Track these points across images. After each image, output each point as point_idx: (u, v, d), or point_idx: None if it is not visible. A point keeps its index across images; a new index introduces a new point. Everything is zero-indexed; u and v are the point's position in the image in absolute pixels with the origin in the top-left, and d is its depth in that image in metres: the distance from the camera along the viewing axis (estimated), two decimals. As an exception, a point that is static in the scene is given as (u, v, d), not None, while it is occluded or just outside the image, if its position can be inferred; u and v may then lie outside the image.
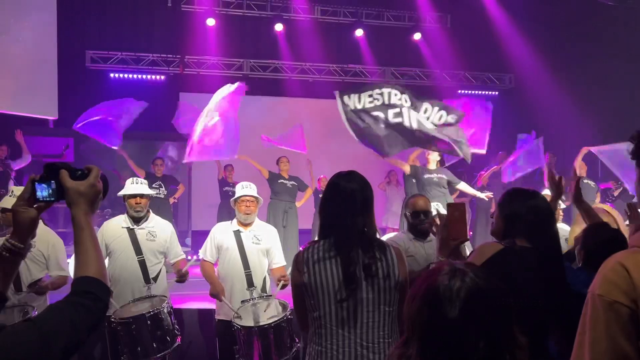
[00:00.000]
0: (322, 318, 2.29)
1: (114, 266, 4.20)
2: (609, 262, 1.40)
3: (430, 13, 12.34)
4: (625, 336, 1.30)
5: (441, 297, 1.16)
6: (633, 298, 1.31)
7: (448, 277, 1.18)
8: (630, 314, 1.30)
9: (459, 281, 1.17)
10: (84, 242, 1.39)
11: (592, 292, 1.37)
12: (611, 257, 1.42)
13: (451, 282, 1.17)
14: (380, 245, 2.38)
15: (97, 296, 1.32)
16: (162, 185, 8.85)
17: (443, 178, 6.81)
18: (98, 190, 1.45)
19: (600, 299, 1.34)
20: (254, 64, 11.75)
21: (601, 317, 1.33)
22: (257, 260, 4.26)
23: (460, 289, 1.16)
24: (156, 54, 11.21)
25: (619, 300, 1.32)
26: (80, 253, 1.39)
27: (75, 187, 1.42)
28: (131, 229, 4.22)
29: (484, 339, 1.13)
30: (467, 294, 1.15)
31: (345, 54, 12.19)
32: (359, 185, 2.38)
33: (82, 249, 1.39)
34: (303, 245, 2.53)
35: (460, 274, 1.18)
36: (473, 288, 1.16)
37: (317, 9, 11.93)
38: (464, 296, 1.15)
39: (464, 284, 1.16)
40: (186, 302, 6.07)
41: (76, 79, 10.65)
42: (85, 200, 1.42)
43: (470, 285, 1.16)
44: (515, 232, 2.30)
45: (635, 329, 1.30)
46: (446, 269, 1.21)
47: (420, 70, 12.53)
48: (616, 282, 1.34)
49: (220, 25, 11.45)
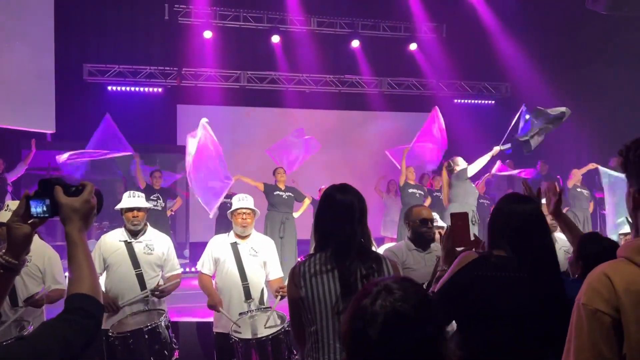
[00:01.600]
0: (319, 332, 2.28)
1: (112, 279, 4.19)
2: (594, 272, 1.43)
3: (426, 23, 12.42)
4: (607, 344, 1.33)
5: (364, 319, 1.18)
6: (615, 307, 1.33)
7: (372, 299, 1.19)
8: (612, 322, 1.33)
9: (380, 305, 1.17)
10: (77, 258, 1.39)
11: (578, 301, 1.40)
12: (597, 267, 1.44)
13: (373, 305, 1.18)
14: (376, 257, 2.39)
15: (91, 313, 1.32)
16: (160, 197, 8.85)
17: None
18: (92, 206, 1.45)
19: (584, 308, 1.37)
20: (251, 75, 11.80)
21: (585, 326, 1.36)
22: (255, 272, 4.26)
23: (379, 313, 1.17)
24: (154, 67, 11.26)
25: (600, 309, 1.34)
26: (73, 269, 1.38)
27: (70, 204, 1.42)
28: (129, 242, 4.21)
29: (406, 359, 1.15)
30: (385, 317, 1.16)
31: (341, 64, 12.25)
32: (355, 197, 2.41)
33: (76, 265, 1.38)
34: (301, 256, 2.52)
35: (384, 296, 1.19)
36: (391, 312, 1.16)
37: (314, 20, 12.00)
38: (382, 320, 1.16)
39: (383, 308, 1.17)
40: (184, 315, 6.06)
41: (74, 93, 10.68)
42: (79, 216, 1.42)
43: (389, 309, 1.17)
44: (500, 240, 2.27)
45: (617, 337, 1.33)
46: (374, 290, 1.21)
47: (416, 80, 12.59)
48: (599, 291, 1.36)
49: (217, 37, 11.51)
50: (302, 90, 12.12)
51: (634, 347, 1.32)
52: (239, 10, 11.62)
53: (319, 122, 12.25)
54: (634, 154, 1.44)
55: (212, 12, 11.45)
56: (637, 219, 1.48)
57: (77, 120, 10.69)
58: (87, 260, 1.40)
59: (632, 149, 1.44)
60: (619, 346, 1.33)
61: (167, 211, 9.09)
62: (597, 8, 8.19)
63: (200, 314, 5.95)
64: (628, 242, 1.46)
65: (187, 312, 6.26)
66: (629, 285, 1.34)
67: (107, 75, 11.11)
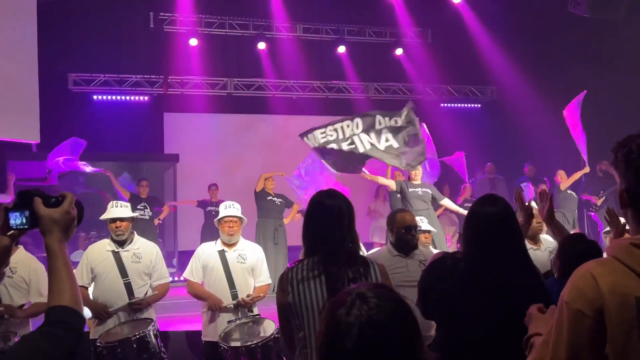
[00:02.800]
0: (307, 338, 2.28)
1: (100, 289, 4.16)
2: (580, 270, 1.43)
3: (411, 28, 12.49)
4: (585, 345, 1.34)
5: (337, 329, 1.16)
6: (598, 308, 1.33)
7: (346, 309, 1.17)
8: (592, 324, 1.33)
9: (354, 315, 1.16)
10: (58, 270, 1.37)
11: (562, 298, 1.41)
12: (584, 265, 1.44)
13: (348, 315, 1.16)
14: (364, 262, 2.40)
15: (71, 325, 1.30)
16: (147, 206, 8.81)
17: (427, 192, 6.89)
18: (72, 217, 1.43)
19: (566, 306, 1.38)
20: (238, 82, 11.79)
21: (565, 324, 1.37)
22: (243, 280, 4.24)
23: (353, 323, 1.15)
24: (139, 75, 11.21)
25: (582, 309, 1.35)
26: (54, 281, 1.36)
27: (49, 215, 1.40)
28: (116, 251, 4.19)
29: None
30: (360, 327, 1.14)
31: (328, 70, 12.27)
32: (343, 203, 2.42)
33: (56, 277, 1.37)
34: (290, 262, 2.53)
35: (357, 306, 1.17)
36: (366, 322, 1.15)
37: (299, 26, 12.02)
38: (357, 330, 1.14)
39: (358, 318, 1.15)
40: (173, 324, 6.01)
41: (59, 102, 10.59)
42: (59, 227, 1.40)
43: (364, 318, 1.15)
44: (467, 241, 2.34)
45: (597, 339, 1.33)
46: (348, 300, 1.19)
47: (403, 84, 12.64)
48: (583, 290, 1.37)
49: (203, 45, 11.49)
50: (289, 97, 12.12)
51: (617, 349, 1.32)
52: (224, 17, 11.61)
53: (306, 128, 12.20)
54: (622, 154, 1.45)
55: (198, 19, 11.44)
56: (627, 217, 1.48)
57: (62, 130, 10.60)
58: (68, 272, 1.38)
59: (620, 148, 1.45)
60: (597, 348, 1.33)
61: (155, 220, 9.04)
62: (579, 11, 8.29)
63: (189, 322, 5.91)
64: (618, 241, 1.46)
65: (176, 321, 6.22)
66: (616, 287, 1.34)
67: (93, 85, 11.04)
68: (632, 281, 1.34)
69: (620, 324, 1.32)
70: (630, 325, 1.32)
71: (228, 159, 11.33)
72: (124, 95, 11.44)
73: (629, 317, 1.32)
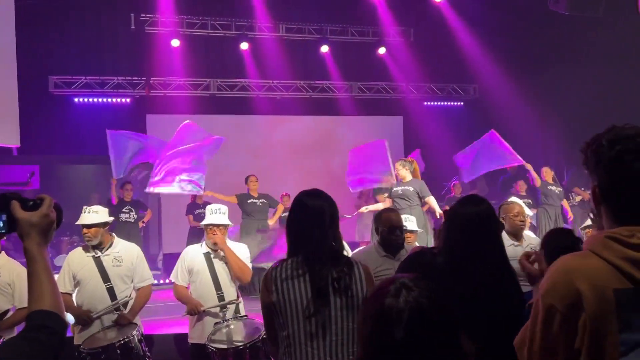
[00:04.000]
0: (290, 336, 2.29)
1: (83, 295, 4.12)
2: (556, 264, 1.45)
3: (394, 27, 12.54)
4: (557, 338, 1.37)
5: (387, 318, 1.18)
6: (570, 303, 1.36)
7: (393, 297, 1.20)
8: (562, 318, 1.36)
9: (403, 301, 1.18)
10: (37, 274, 1.34)
11: (539, 291, 1.44)
12: (560, 259, 1.46)
13: (396, 303, 1.19)
14: (348, 262, 2.41)
15: (53, 330, 1.28)
16: (132, 209, 8.75)
17: (408, 190, 6.81)
18: (51, 220, 1.40)
19: (541, 299, 1.41)
20: (221, 83, 11.74)
21: (539, 317, 1.40)
22: (229, 281, 4.22)
23: (403, 309, 1.17)
24: (121, 77, 11.11)
25: (555, 304, 1.37)
26: (34, 286, 1.34)
27: (27, 218, 1.37)
28: (96, 256, 4.15)
29: (431, 355, 1.16)
30: (410, 314, 1.17)
31: (311, 70, 12.27)
32: (326, 202, 2.43)
33: (36, 281, 1.34)
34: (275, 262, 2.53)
35: (404, 294, 1.20)
36: (416, 308, 1.17)
37: (282, 26, 12.01)
38: (407, 317, 1.16)
39: (407, 305, 1.18)
40: (159, 327, 5.97)
41: (40, 105, 10.48)
42: (37, 231, 1.37)
43: (413, 305, 1.18)
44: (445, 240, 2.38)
45: (567, 333, 1.36)
46: (392, 289, 1.22)
47: (386, 83, 12.69)
48: (556, 285, 1.39)
49: (185, 45, 11.43)
50: (273, 97, 12.10)
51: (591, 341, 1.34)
52: (206, 18, 11.56)
53: (290, 128, 12.25)
54: (591, 150, 1.47)
55: (179, 20, 11.38)
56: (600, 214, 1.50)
57: (43, 133, 10.49)
58: (48, 276, 1.36)
59: (589, 145, 1.48)
60: (568, 342, 1.36)
61: (139, 223, 8.99)
62: (559, 9, 8.39)
63: (175, 325, 5.88)
64: (594, 235, 1.48)
65: (163, 324, 6.18)
66: (593, 280, 1.35)
67: (74, 87, 10.93)
68: (609, 274, 1.35)
69: (599, 316, 1.34)
70: (609, 318, 1.34)
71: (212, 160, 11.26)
72: (105, 98, 11.34)
73: (607, 309, 1.34)
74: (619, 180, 1.41)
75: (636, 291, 1.34)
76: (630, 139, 1.40)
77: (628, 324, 1.34)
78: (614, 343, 1.33)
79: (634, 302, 1.34)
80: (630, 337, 1.34)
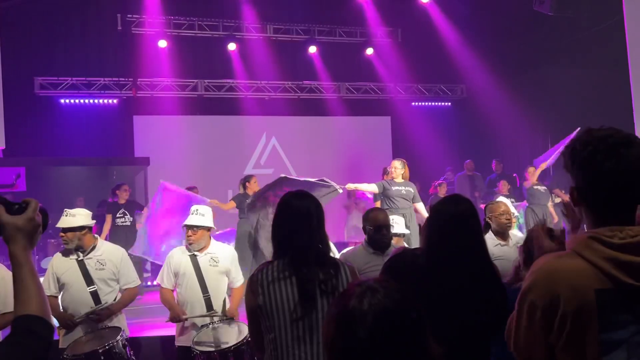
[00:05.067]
0: (277, 339, 2.27)
1: (66, 299, 4.09)
2: (539, 262, 1.50)
3: (381, 28, 12.57)
4: (538, 332, 1.43)
5: (351, 321, 1.16)
6: (551, 301, 1.40)
7: (358, 299, 1.19)
8: (542, 315, 1.41)
9: (367, 303, 1.17)
10: (23, 279, 1.33)
11: (522, 288, 1.49)
12: (542, 257, 1.52)
13: (360, 304, 1.18)
14: (334, 263, 2.41)
15: (40, 335, 1.27)
16: (126, 213, 8.63)
17: (410, 191, 6.88)
18: (37, 224, 1.39)
19: (524, 294, 1.46)
20: (209, 84, 11.70)
21: (524, 310, 1.46)
22: (216, 283, 4.19)
23: (367, 312, 1.16)
24: (108, 78, 11.03)
25: (535, 301, 1.42)
26: (20, 291, 1.33)
27: (13, 222, 1.36)
28: (80, 260, 4.11)
29: (395, 358, 1.15)
30: (375, 315, 1.16)
31: (299, 71, 12.26)
32: (312, 203, 2.42)
33: (22, 286, 1.33)
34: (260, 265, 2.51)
35: (369, 295, 1.19)
36: (380, 311, 1.16)
37: (270, 27, 11.99)
38: (372, 318, 1.15)
39: (371, 308, 1.17)
40: (146, 330, 5.94)
41: (25, 107, 10.39)
42: (23, 235, 1.36)
43: (377, 308, 1.17)
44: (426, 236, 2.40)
45: (547, 327, 1.41)
46: (357, 290, 1.21)
47: (374, 84, 12.71)
48: (538, 283, 1.44)
49: (172, 46, 11.38)
50: (261, 98, 12.08)
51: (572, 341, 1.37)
52: (193, 18, 11.52)
53: (279, 128, 12.24)
54: (567, 152, 1.50)
55: (166, 21, 11.32)
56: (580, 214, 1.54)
57: (29, 135, 10.39)
58: (34, 280, 1.34)
59: (569, 148, 1.50)
60: (549, 331, 1.42)
61: (137, 225, 8.82)
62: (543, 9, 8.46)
63: (162, 328, 5.84)
64: (578, 235, 1.50)
65: (149, 326, 6.14)
66: (574, 280, 1.38)
67: (60, 88, 10.82)
68: (591, 274, 1.38)
69: (580, 317, 1.36)
70: (590, 317, 1.36)
71: (200, 162, 11.23)
72: (92, 99, 11.25)
73: (588, 309, 1.36)
74: (593, 180, 1.44)
75: (617, 291, 1.35)
76: (602, 140, 1.43)
77: (609, 323, 1.36)
78: (595, 342, 1.35)
79: (615, 302, 1.36)
80: (611, 337, 1.35)
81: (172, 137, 11.34)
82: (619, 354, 1.35)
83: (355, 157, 12.22)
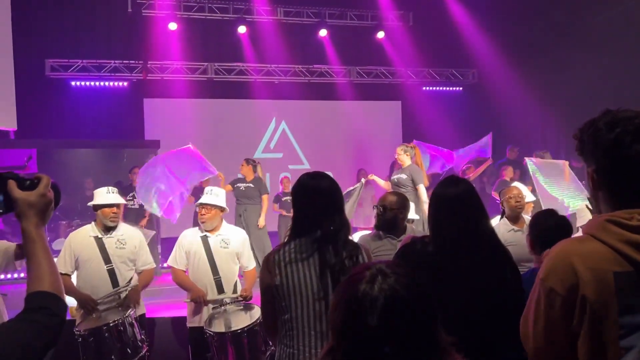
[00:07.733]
0: (293, 320, 2.27)
1: (83, 276, 4.13)
2: (556, 248, 1.46)
3: (393, 11, 12.43)
4: (558, 320, 1.39)
5: (361, 305, 1.14)
6: (570, 286, 1.37)
7: (368, 284, 1.16)
8: (563, 301, 1.38)
9: (378, 288, 1.14)
10: (36, 255, 1.32)
11: (538, 275, 1.45)
12: (560, 242, 1.47)
13: (370, 290, 1.15)
14: (353, 245, 2.40)
15: (53, 311, 1.26)
16: (135, 197, 8.68)
17: (402, 177, 6.69)
18: (49, 200, 1.38)
19: (541, 283, 1.43)
20: (218, 67, 11.65)
21: (541, 299, 1.42)
22: (227, 265, 4.22)
23: (378, 297, 1.13)
24: (118, 61, 11.02)
25: (555, 287, 1.39)
26: (32, 267, 1.31)
27: (25, 198, 1.34)
28: (99, 237, 4.15)
29: (404, 344, 1.12)
30: (385, 301, 1.13)
31: (310, 54, 12.17)
32: (332, 184, 2.40)
33: (35, 262, 1.32)
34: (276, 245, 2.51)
35: (379, 280, 1.16)
36: (391, 296, 1.14)
37: (280, 10, 11.90)
38: (382, 304, 1.13)
39: (382, 292, 1.14)
40: (157, 311, 5.99)
41: (36, 89, 10.41)
42: (35, 211, 1.35)
43: (388, 293, 1.14)
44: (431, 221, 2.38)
45: (567, 316, 1.38)
46: (367, 275, 1.18)
47: (385, 68, 12.61)
48: (556, 269, 1.40)
49: (182, 29, 11.33)
50: (271, 81, 12.02)
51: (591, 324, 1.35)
52: (203, 1, 11.45)
53: (289, 112, 12.21)
54: (587, 134, 1.46)
55: (177, 3, 11.26)
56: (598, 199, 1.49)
57: (40, 117, 10.43)
58: (47, 257, 1.33)
59: (585, 130, 1.46)
60: (570, 322, 1.38)
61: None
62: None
63: (173, 309, 5.90)
64: (594, 219, 1.47)
65: (162, 307, 6.20)
66: (592, 263, 1.36)
67: (71, 70, 10.83)
68: (609, 257, 1.36)
69: (599, 300, 1.34)
70: (609, 300, 1.34)
71: (209, 145, 11.23)
72: (102, 81, 11.25)
73: (607, 292, 1.34)
74: (619, 163, 1.40)
75: (636, 274, 1.34)
76: (629, 120, 1.39)
77: (628, 306, 1.34)
78: (614, 326, 1.34)
79: (634, 284, 1.34)
80: (630, 320, 1.34)
81: (182, 120, 11.34)
82: (638, 337, 1.34)
83: (365, 141, 12.18)
